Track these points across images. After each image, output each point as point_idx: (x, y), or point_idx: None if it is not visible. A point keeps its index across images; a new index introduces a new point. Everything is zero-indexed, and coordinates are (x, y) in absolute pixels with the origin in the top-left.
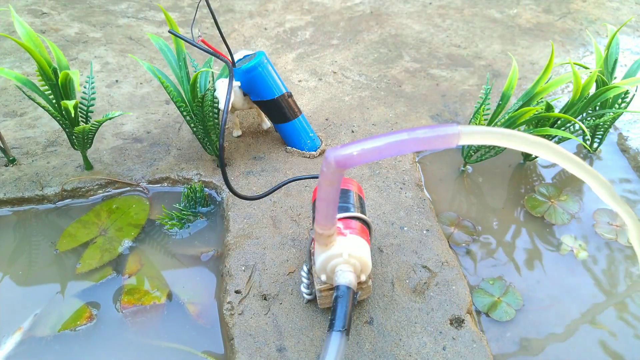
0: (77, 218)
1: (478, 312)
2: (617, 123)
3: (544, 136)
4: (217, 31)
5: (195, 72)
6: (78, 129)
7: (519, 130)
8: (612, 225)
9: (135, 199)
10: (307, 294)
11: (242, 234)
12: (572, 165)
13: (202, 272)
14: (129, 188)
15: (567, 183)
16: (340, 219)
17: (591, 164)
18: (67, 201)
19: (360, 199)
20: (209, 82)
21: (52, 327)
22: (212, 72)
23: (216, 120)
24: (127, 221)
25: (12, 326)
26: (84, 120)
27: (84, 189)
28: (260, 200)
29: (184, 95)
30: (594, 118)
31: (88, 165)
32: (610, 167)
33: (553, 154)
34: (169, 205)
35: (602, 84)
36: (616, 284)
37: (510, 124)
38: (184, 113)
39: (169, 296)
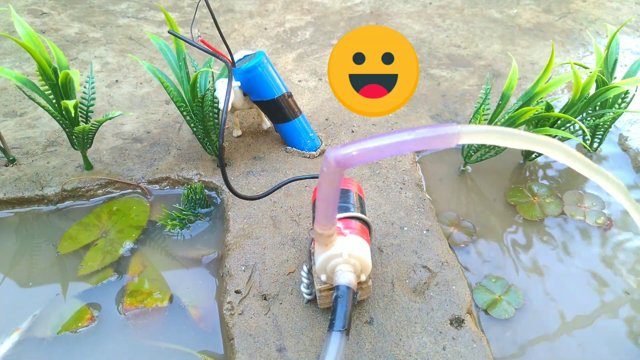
0: (77, 220)
1: (475, 305)
2: (617, 123)
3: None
4: (217, 31)
5: (195, 72)
6: (78, 129)
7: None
8: (580, 206)
9: (136, 200)
10: (307, 294)
11: (242, 234)
12: (573, 161)
13: (204, 274)
14: (130, 190)
15: (564, 189)
16: (340, 219)
17: None
18: (67, 203)
19: (360, 199)
20: (209, 82)
21: (52, 328)
22: (212, 72)
23: (216, 120)
24: (128, 223)
25: (11, 327)
26: (84, 120)
27: (84, 189)
28: (260, 200)
29: (184, 95)
30: (594, 118)
31: (88, 165)
32: (612, 167)
33: (552, 150)
34: (170, 207)
35: (602, 84)
36: (617, 281)
37: (510, 123)
38: (184, 113)
39: (171, 299)
